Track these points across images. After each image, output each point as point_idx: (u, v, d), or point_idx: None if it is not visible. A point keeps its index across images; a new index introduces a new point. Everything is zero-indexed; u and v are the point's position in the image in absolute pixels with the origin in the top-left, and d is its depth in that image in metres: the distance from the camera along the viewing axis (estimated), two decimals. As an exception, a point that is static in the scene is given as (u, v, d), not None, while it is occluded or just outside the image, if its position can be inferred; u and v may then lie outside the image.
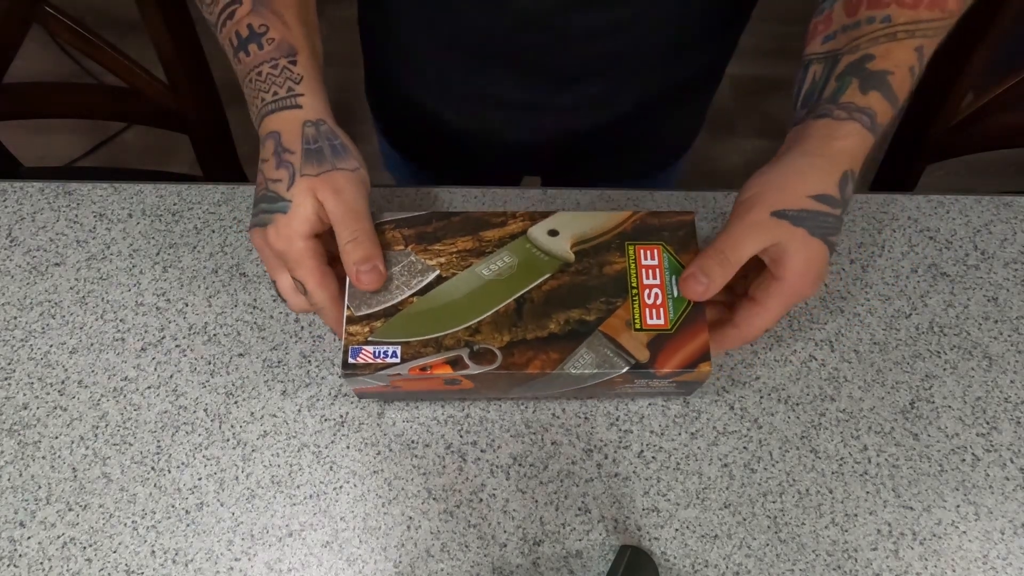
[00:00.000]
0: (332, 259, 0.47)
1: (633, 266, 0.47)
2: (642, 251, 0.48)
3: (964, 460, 0.51)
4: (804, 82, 0.47)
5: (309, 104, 0.46)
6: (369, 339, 0.45)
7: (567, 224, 0.49)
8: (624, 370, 0.45)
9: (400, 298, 0.46)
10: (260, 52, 0.46)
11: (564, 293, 0.46)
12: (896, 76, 0.44)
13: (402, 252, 0.48)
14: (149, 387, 0.54)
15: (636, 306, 0.46)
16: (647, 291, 0.47)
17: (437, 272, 0.47)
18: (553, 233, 0.48)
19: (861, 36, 0.44)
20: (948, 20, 0.45)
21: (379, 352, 0.45)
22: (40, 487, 0.50)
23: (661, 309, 0.46)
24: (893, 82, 0.44)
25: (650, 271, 0.47)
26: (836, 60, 0.45)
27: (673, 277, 0.47)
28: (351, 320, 0.46)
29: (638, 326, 0.46)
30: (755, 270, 0.46)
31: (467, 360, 0.45)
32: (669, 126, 0.72)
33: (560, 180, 0.80)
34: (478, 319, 0.46)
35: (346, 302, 0.46)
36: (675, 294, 0.47)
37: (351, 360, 0.45)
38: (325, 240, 0.47)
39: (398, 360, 0.45)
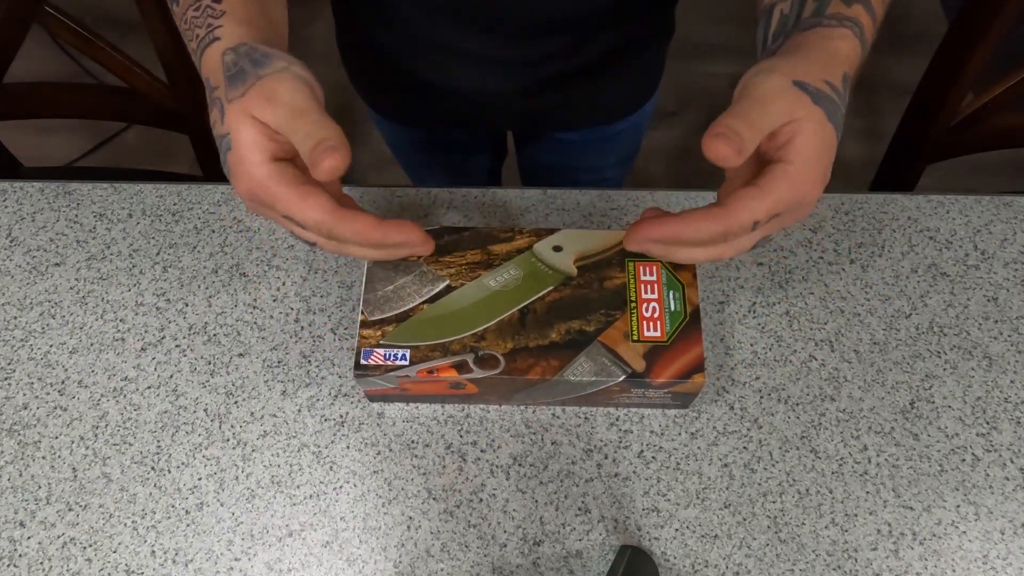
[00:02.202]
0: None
1: (632, 281, 0.49)
2: (641, 267, 0.50)
3: (964, 460, 0.51)
4: (771, 25, 0.44)
5: (227, 32, 0.41)
6: (380, 342, 0.48)
7: (571, 241, 0.51)
8: (621, 379, 0.46)
9: (411, 305, 0.49)
10: None
11: (566, 304, 0.49)
12: None
13: (415, 263, 0.50)
14: (149, 387, 0.54)
15: (634, 318, 0.48)
16: (645, 305, 0.49)
17: (447, 282, 0.50)
18: (557, 249, 0.51)
19: None
20: None
21: (389, 355, 0.47)
22: (40, 487, 0.50)
23: (658, 322, 0.48)
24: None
25: (649, 286, 0.49)
26: None
27: (671, 292, 0.49)
28: (364, 324, 0.48)
29: (635, 337, 0.48)
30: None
31: (472, 365, 0.47)
32: (634, 72, 0.73)
33: (530, 131, 0.83)
34: (484, 327, 0.48)
35: (360, 307, 0.49)
36: (672, 308, 0.49)
37: (363, 361, 0.47)
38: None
39: (407, 363, 0.47)
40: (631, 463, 0.51)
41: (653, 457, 0.51)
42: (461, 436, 0.52)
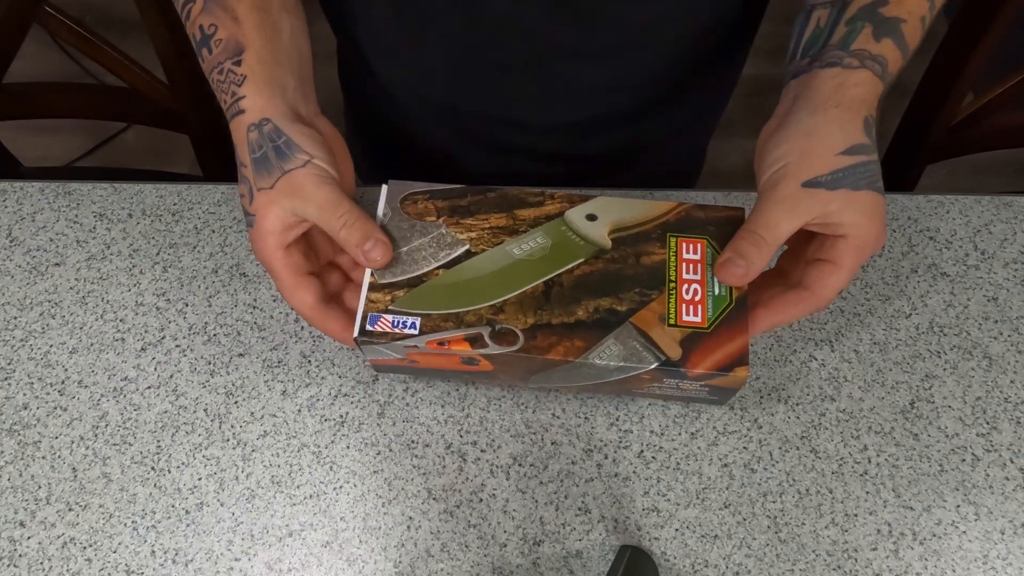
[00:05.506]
0: (326, 263, 0.48)
1: (673, 259, 0.45)
2: (684, 244, 0.45)
3: (964, 460, 0.51)
4: (806, 29, 0.45)
5: (250, 104, 0.43)
6: (389, 307, 0.44)
7: (607, 209, 0.46)
8: (652, 366, 0.42)
9: (426, 269, 0.45)
10: (210, 56, 0.44)
11: (596, 280, 0.44)
12: (908, 24, 0.42)
13: (433, 224, 0.46)
14: (149, 387, 0.54)
15: (672, 300, 0.43)
16: (685, 286, 0.44)
17: (466, 247, 0.45)
18: (591, 218, 0.46)
19: None
20: None
21: (398, 322, 0.43)
22: (40, 487, 0.50)
23: (699, 306, 0.43)
24: (905, 31, 0.42)
25: (691, 265, 0.44)
26: (845, 4, 0.43)
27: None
28: (373, 287, 0.45)
29: (672, 321, 0.43)
30: (807, 243, 0.44)
31: (487, 339, 0.43)
32: (667, 162, 0.73)
33: None
34: (503, 298, 0.44)
35: (368, 270, 0.45)
36: (716, 292, 0.44)
37: (368, 327, 0.43)
38: (314, 239, 0.47)
39: (416, 332, 0.43)
40: (631, 463, 0.51)
41: (653, 457, 0.51)
42: (461, 436, 0.52)
